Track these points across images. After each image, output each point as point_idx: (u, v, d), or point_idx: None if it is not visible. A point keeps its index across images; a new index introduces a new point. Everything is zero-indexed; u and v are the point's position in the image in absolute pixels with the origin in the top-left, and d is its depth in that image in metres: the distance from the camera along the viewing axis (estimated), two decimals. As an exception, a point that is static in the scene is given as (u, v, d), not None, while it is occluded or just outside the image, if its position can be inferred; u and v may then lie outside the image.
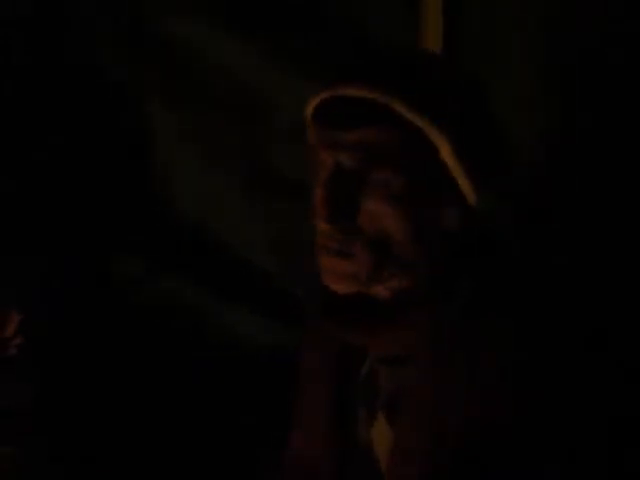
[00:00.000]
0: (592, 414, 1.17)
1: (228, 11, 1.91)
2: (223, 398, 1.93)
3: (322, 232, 1.20)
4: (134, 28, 1.95)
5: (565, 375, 1.16)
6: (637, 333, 1.45)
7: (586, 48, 1.74)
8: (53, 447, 1.77)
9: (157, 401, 1.94)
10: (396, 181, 1.16)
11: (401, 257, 1.20)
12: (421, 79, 1.19)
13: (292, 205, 1.89)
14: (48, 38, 1.94)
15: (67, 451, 1.81)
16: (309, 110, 1.24)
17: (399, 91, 1.15)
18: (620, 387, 1.21)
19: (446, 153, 1.17)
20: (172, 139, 1.99)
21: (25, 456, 1.69)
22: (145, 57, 1.96)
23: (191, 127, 1.98)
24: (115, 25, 1.95)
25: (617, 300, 1.67)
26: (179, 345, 1.97)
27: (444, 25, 1.78)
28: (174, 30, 1.93)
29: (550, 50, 1.76)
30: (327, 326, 1.28)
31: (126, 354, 1.94)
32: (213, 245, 1.99)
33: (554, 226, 1.76)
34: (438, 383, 1.20)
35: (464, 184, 1.19)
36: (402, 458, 1.23)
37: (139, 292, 1.98)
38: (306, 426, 1.38)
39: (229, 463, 1.89)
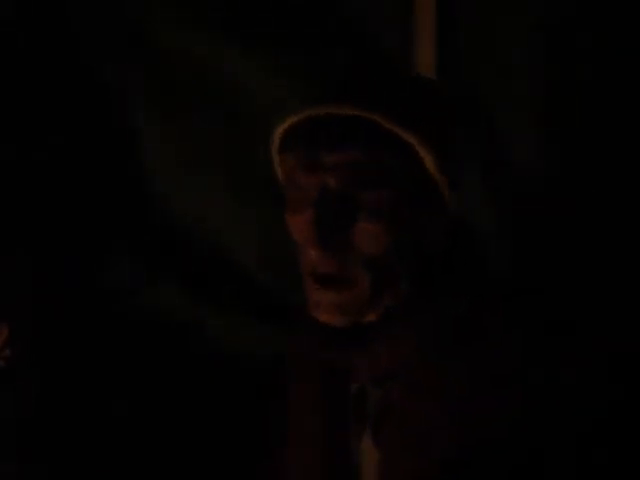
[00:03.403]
0: (591, 436, 1.15)
1: (213, 15, 1.89)
2: (218, 405, 1.91)
3: (313, 261, 1.16)
4: (131, 32, 1.93)
5: (562, 393, 1.15)
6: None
7: (587, 58, 1.73)
8: (49, 457, 1.75)
9: (156, 408, 1.92)
10: (386, 198, 1.14)
11: (395, 275, 1.18)
12: (401, 93, 1.17)
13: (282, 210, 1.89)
14: (48, 38, 1.93)
15: (64, 460, 1.79)
16: (279, 133, 1.20)
17: (382, 106, 1.13)
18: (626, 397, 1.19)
19: (430, 164, 1.15)
20: (166, 144, 1.96)
21: (21, 470, 1.68)
22: (140, 61, 1.94)
23: (186, 131, 1.95)
24: (112, 28, 1.93)
25: (617, 308, 1.66)
26: (173, 351, 1.95)
27: (438, 37, 1.78)
28: (163, 35, 1.91)
29: (550, 59, 1.76)
30: (315, 350, 1.26)
31: (120, 361, 1.92)
32: (206, 251, 1.97)
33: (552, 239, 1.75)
34: (424, 400, 1.19)
35: (446, 194, 1.18)
36: (389, 473, 1.21)
37: (132, 298, 1.95)
38: (300, 455, 1.34)
39: (224, 470, 1.87)
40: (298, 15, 1.86)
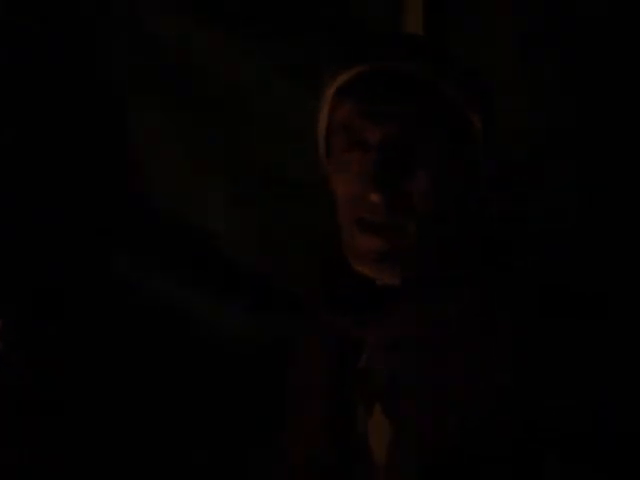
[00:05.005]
0: (597, 408, 1.16)
1: (211, 9, 1.90)
2: (214, 395, 1.91)
3: (366, 206, 1.18)
4: (121, 27, 1.93)
5: (574, 366, 1.16)
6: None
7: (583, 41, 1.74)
8: (46, 450, 1.75)
9: (154, 401, 1.92)
10: (441, 152, 1.19)
11: (439, 236, 1.21)
12: (454, 61, 1.25)
13: (279, 203, 1.91)
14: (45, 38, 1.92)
15: (61, 452, 1.79)
16: (338, 84, 1.23)
17: (445, 70, 1.21)
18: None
19: (478, 127, 1.22)
20: (160, 139, 1.97)
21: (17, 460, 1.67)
22: (130, 56, 1.95)
23: (178, 127, 1.97)
24: (102, 25, 1.94)
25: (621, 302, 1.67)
26: (171, 344, 1.95)
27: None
28: (158, 29, 1.92)
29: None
30: (329, 316, 1.28)
31: (120, 355, 1.91)
32: (201, 243, 1.98)
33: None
34: (439, 369, 1.20)
35: (485, 159, 1.24)
36: (402, 448, 1.22)
37: (131, 292, 1.95)
38: (306, 433, 1.34)
39: (227, 460, 1.88)
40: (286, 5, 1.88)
